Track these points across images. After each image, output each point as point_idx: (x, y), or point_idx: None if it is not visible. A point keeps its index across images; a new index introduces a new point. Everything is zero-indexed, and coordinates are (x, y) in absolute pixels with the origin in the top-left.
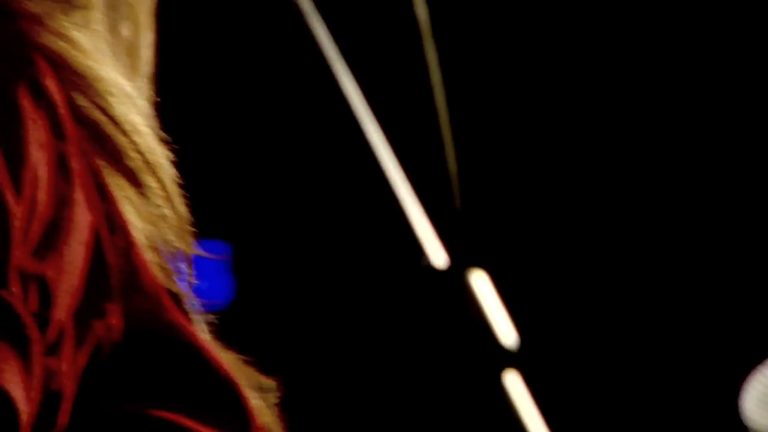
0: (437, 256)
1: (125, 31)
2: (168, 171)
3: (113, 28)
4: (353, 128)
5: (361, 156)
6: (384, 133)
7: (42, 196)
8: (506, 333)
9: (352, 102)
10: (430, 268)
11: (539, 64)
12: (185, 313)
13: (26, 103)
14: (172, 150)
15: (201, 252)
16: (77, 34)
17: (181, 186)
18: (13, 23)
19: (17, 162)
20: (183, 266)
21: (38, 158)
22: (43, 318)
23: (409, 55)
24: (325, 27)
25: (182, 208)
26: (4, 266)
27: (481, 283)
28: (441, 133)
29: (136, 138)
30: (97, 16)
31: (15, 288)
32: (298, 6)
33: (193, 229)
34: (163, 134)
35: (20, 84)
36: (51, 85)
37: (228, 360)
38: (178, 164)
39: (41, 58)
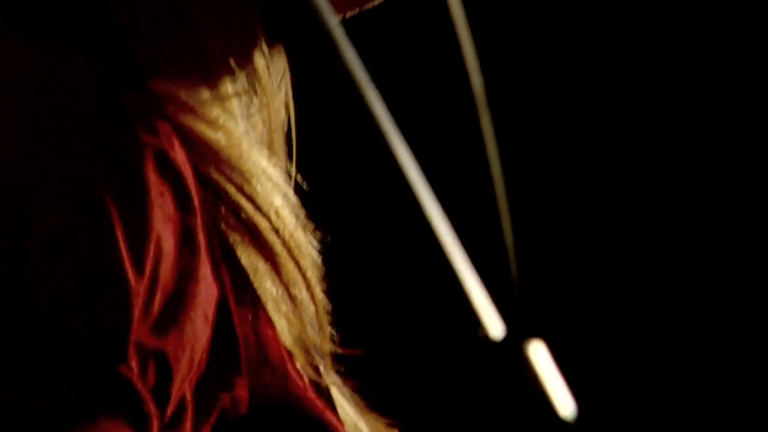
0: (494, 326)
1: (262, 115)
2: (310, 258)
3: (253, 113)
4: (409, 198)
5: (417, 227)
6: (440, 204)
7: (165, 269)
8: (565, 404)
9: (408, 172)
10: (487, 340)
11: (596, 134)
12: (314, 386)
13: (152, 176)
14: (319, 238)
15: None
16: (224, 119)
17: (324, 275)
18: (151, 103)
19: (140, 235)
20: (319, 356)
21: (163, 231)
22: (162, 393)
23: (464, 124)
24: (381, 98)
25: (321, 297)
26: (123, 342)
27: (539, 353)
28: (497, 202)
29: (276, 222)
30: (241, 101)
31: (133, 363)
32: (355, 80)
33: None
34: (310, 221)
35: (147, 156)
36: (179, 157)
37: (369, 424)
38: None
39: (171, 131)
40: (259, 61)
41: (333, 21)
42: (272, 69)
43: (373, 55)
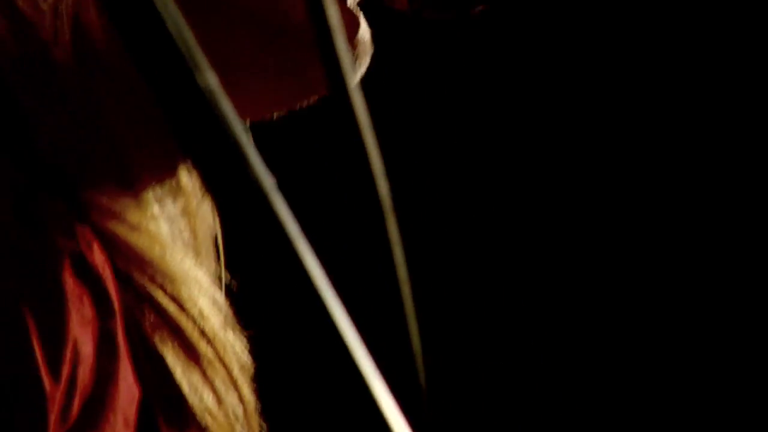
0: None
1: (186, 220)
2: (237, 358)
3: (176, 218)
4: (317, 305)
5: (325, 333)
6: (347, 309)
7: (83, 373)
8: None
9: (316, 278)
10: None
11: (501, 240)
12: None
13: (69, 280)
14: (247, 337)
15: None
16: (151, 225)
17: (253, 373)
18: (69, 207)
19: (57, 341)
20: None
21: (81, 335)
22: None
23: (371, 230)
24: (288, 205)
25: (249, 397)
26: None
27: None
28: (404, 307)
29: (201, 322)
30: (163, 206)
31: None
32: (262, 187)
33: (261, 420)
34: (237, 321)
35: (64, 260)
36: (98, 260)
37: None
38: None
39: (89, 234)
40: (181, 168)
41: (239, 127)
42: (195, 175)
43: (280, 161)
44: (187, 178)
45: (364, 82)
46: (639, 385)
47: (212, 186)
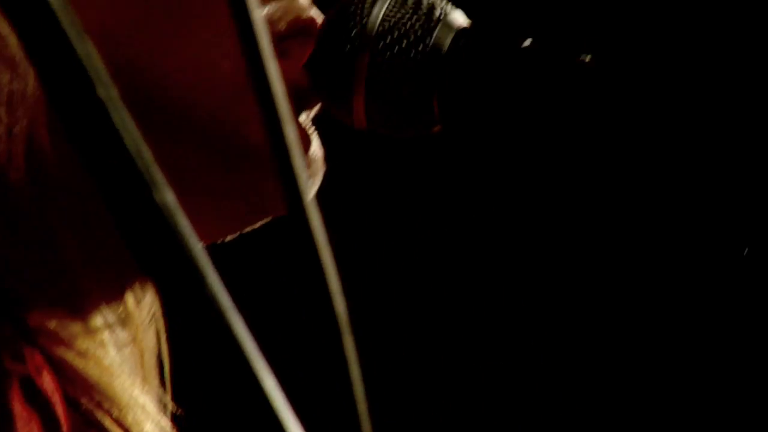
0: None
1: (133, 346)
2: None
3: (124, 344)
4: (274, 426)
5: None
6: (305, 429)
7: None
8: None
9: (274, 398)
10: None
11: (460, 358)
12: None
13: (18, 405)
14: None
15: None
16: (99, 352)
17: None
18: (20, 331)
19: None
20: None
21: None
22: None
23: (327, 349)
24: (243, 320)
25: None
26: None
27: None
28: (361, 427)
29: None
30: (111, 333)
31: None
32: (219, 305)
33: None
34: None
35: (12, 385)
36: (47, 384)
37: None
38: None
39: (39, 358)
40: (129, 295)
41: (197, 244)
42: (142, 302)
43: (239, 281)
44: (135, 307)
45: (320, 199)
46: (635, 390)
47: (169, 304)
